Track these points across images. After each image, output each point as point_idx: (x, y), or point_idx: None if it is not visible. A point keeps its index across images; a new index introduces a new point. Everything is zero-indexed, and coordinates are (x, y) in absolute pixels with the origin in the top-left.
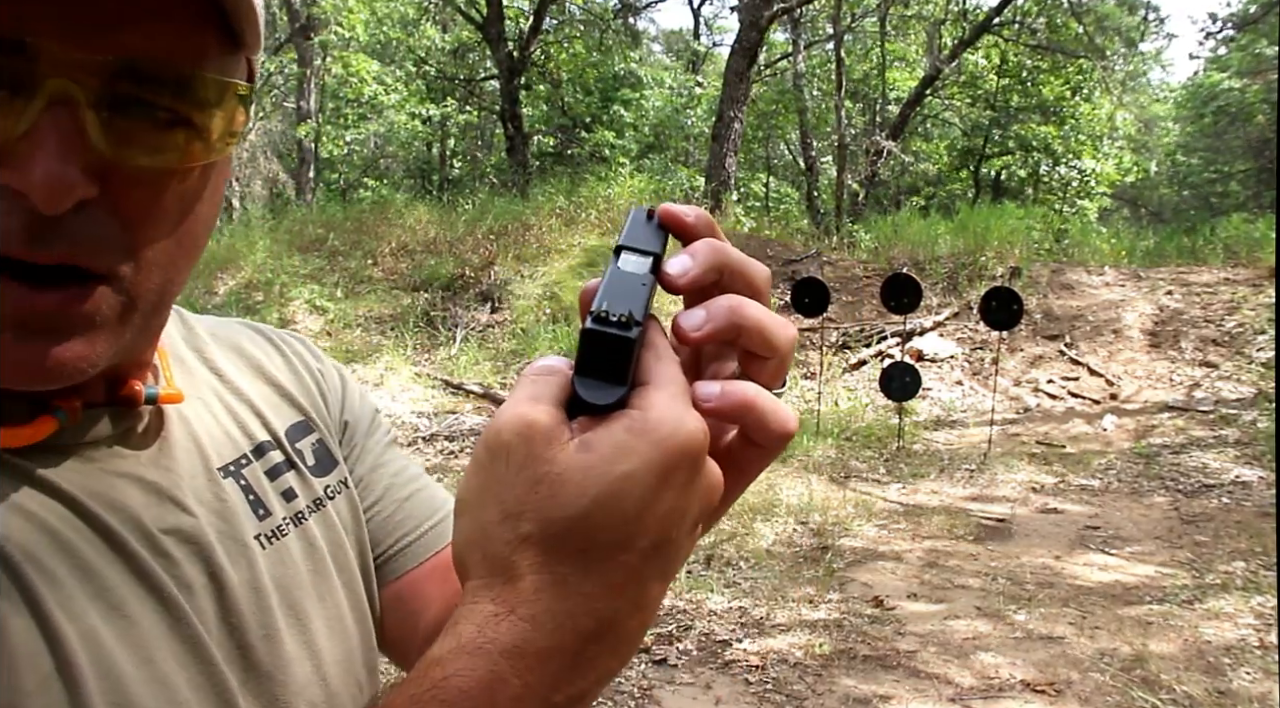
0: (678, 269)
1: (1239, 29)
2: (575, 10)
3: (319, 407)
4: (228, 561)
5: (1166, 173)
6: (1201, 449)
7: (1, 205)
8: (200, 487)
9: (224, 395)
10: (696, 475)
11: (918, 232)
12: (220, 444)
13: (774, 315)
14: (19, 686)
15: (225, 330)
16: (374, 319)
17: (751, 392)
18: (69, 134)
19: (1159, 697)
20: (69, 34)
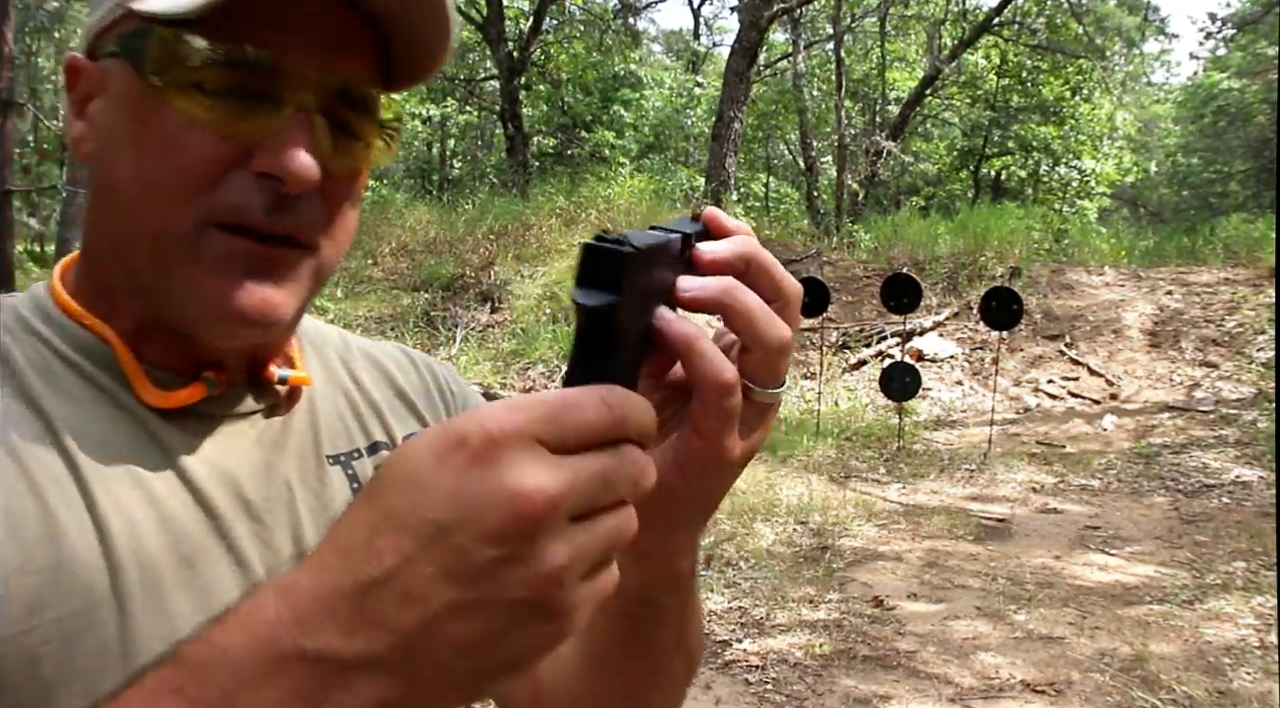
0: (708, 247)
1: (1239, 29)
2: (575, 10)
3: (440, 420)
4: (316, 535)
5: (1166, 173)
6: (1201, 449)
7: (252, 186)
8: (307, 468)
9: (354, 398)
10: (478, 466)
11: (918, 232)
12: (337, 436)
13: (771, 314)
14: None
15: (376, 349)
16: (374, 319)
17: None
18: (309, 134)
19: (1159, 697)
20: (307, 59)
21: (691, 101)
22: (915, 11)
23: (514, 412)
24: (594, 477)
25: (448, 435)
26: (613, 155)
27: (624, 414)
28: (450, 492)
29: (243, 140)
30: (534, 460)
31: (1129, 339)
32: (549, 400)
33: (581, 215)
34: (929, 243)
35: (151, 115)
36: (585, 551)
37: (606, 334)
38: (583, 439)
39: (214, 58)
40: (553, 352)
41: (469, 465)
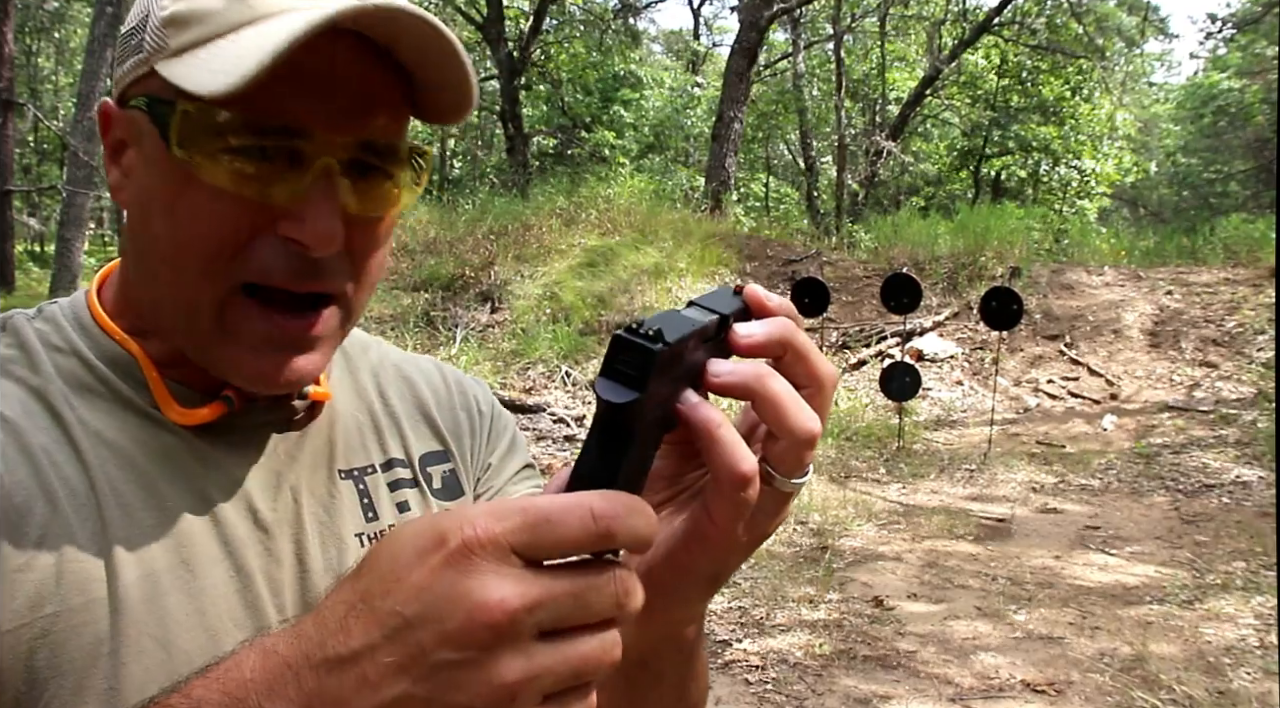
0: (744, 330)
1: (1239, 29)
2: (575, 10)
3: (461, 441)
4: (319, 548)
5: (1166, 173)
6: (1201, 449)
7: (278, 250)
8: (317, 481)
9: (377, 413)
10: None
11: (917, 232)
12: (353, 451)
13: (801, 404)
14: (67, 600)
15: (410, 365)
16: (374, 319)
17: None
18: (332, 197)
19: (1159, 697)
20: (329, 123)
21: (691, 101)
22: (915, 11)
23: (497, 519)
24: (566, 595)
25: (432, 531)
26: (613, 155)
27: (611, 528)
28: (419, 588)
29: (269, 205)
30: (501, 572)
31: (1129, 339)
32: (530, 510)
33: (581, 215)
34: (929, 243)
35: (179, 184)
36: (547, 671)
37: (624, 429)
38: (560, 553)
39: (237, 129)
40: (552, 352)
41: (442, 566)
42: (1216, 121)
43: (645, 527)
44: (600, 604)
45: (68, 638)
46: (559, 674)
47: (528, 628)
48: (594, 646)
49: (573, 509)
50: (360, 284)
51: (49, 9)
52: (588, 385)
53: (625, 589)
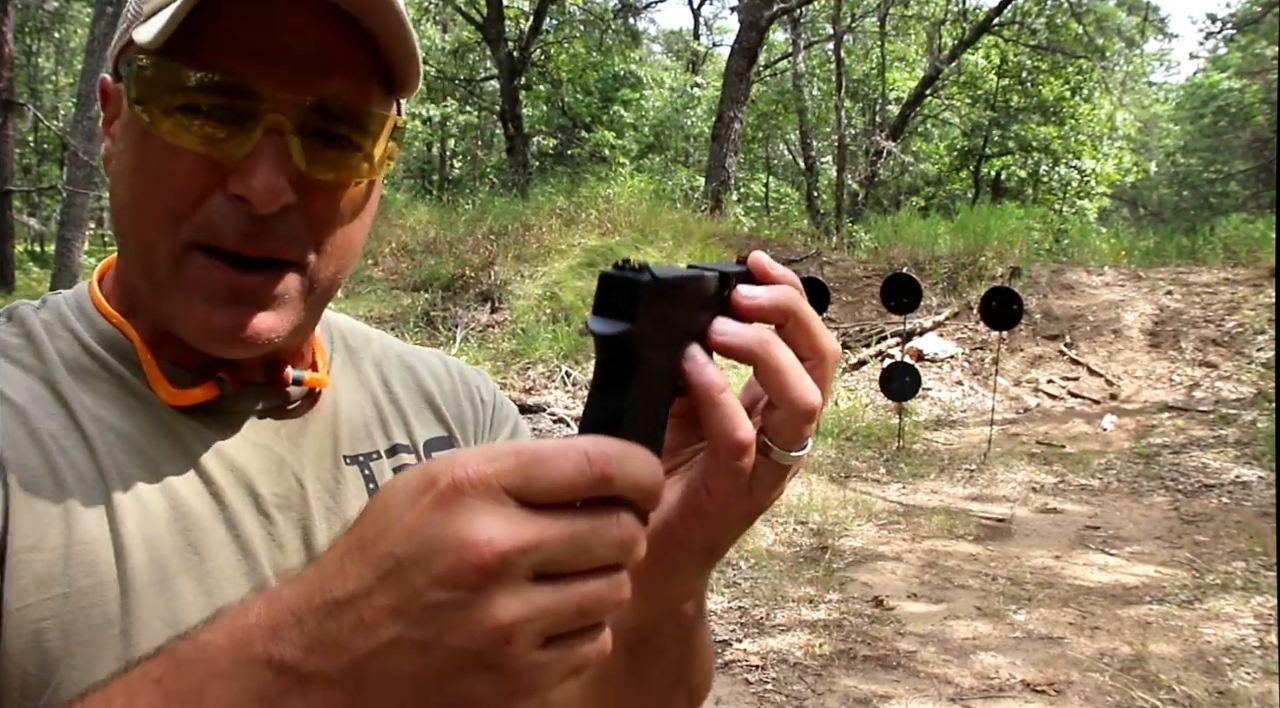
0: (748, 291)
1: (1238, 29)
2: (575, 10)
3: (465, 428)
4: (326, 532)
5: (1166, 173)
6: (1201, 449)
7: (226, 210)
8: (322, 467)
9: (381, 401)
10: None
11: (917, 232)
12: (357, 437)
13: (803, 375)
14: (75, 582)
15: (414, 355)
16: (374, 319)
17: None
18: (280, 155)
19: (1159, 697)
20: (280, 81)
21: (691, 101)
22: (915, 11)
23: (488, 460)
24: (563, 536)
25: (424, 475)
26: (613, 155)
27: (608, 472)
28: (410, 529)
29: (221, 163)
30: (492, 512)
31: (1129, 339)
32: (524, 451)
33: (581, 215)
34: (929, 243)
35: (141, 141)
36: (545, 612)
37: (621, 365)
38: (554, 495)
39: (187, 84)
40: (552, 352)
41: (432, 507)
42: (1216, 122)
43: (647, 474)
44: (602, 549)
45: (76, 619)
46: (559, 615)
47: (521, 569)
48: (598, 586)
49: (566, 451)
50: (323, 255)
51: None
52: (587, 385)
53: (629, 535)
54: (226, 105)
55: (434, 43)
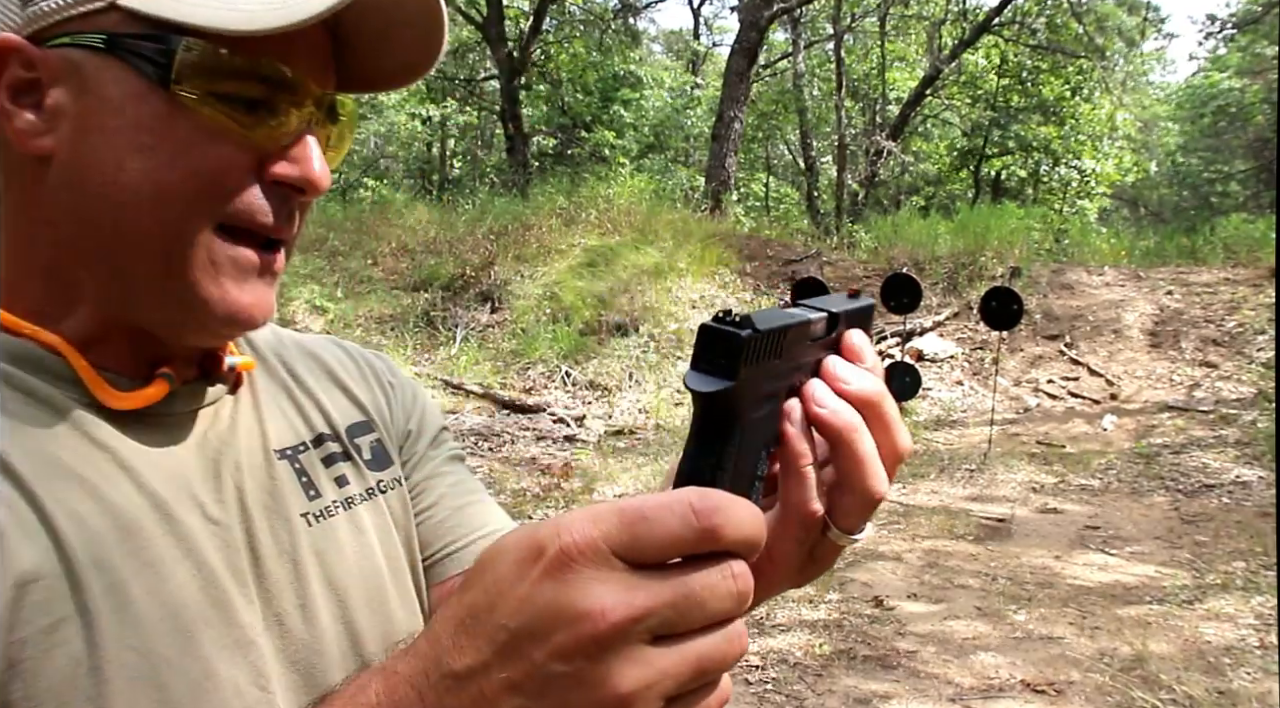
0: (847, 372)
1: (1238, 29)
2: (575, 10)
3: (383, 412)
4: (269, 531)
5: (1166, 173)
6: (1201, 449)
7: (268, 192)
8: (255, 464)
9: (295, 392)
10: (550, 579)
11: (918, 232)
12: (282, 431)
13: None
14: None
15: (310, 343)
16: (374, 319)
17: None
18: (318, 142)
19: (1159, 697)
20: (312, 74)
21: (691, 101)
22: (915, 11)
23: (593, 523)
24: (676, 597)
25: (530, 541)
26: (613, 155)
27: (714, 525)
28: (521, 600)
29: (259, 150)
30: (603, 579)
31: (1129, 339)
32: (627, 510)
33: (581, 215)
34: (929, 243)
35: (169, 122)
36: (665, 675)
37: (721, 422)
38: (662, 553)
39: (240, 72)
40: (552, 352)
41: (542, 577)
42: (1217, 121)
43: (752, 527)
44: (716, 604)
45: (41, 664)
46: (679, 677)
47: (637, 635)
48: (715, 642)
49: (670, 505)
50: (298, 237)
51: None
52: (587, 385)
53: (743, 587)
54: (270, 94)
55: None
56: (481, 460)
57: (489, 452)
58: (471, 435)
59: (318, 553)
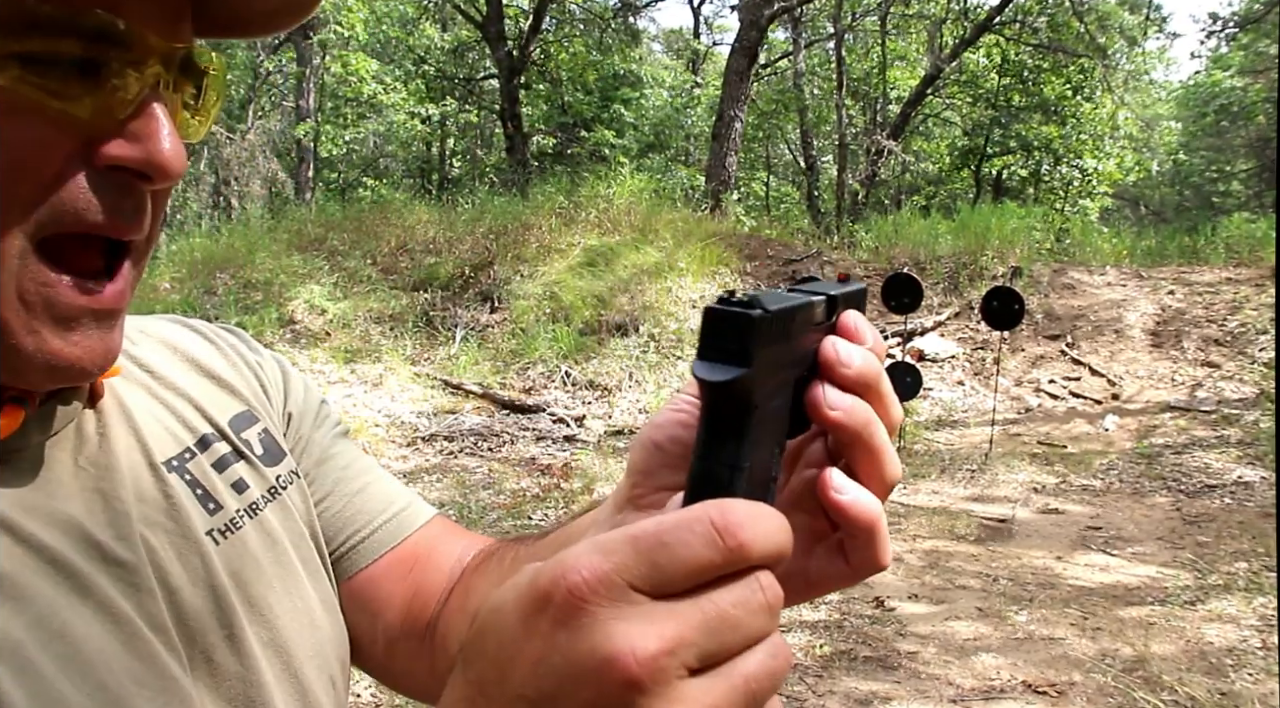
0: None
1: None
2: (575, 9)
3: (261, 398)
4: (178, 561)
5: (1168, 172)
6: (1204, 449)
7: (102, 183)
8: (145, 485)
9: (158, 391)
10: (563, 629)
11: (918, 231)
12: (161, 440)
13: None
14: None
15: (154, 326)
16: (373, 319)
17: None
18: (167, 113)
19: (1161, 698)
20: (155, 25)
21: (691, 101)
22: (916, 10)
23: (603, 556)
24: (708, 620)
25: (532, 591)
26: (613, 155)
27: (741, 542)
28: (535, 662)
29: (84, 127)
30: (624, 617)
31: (1131, 339)
32: (641, 537)
33: (581, 215)
34: (930, 242)
35: None
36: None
37: (736, 413)
38: (690, 581)
39: (42, 22)
40: (552, 352)
41: (554, 629)
42: (1219, 120)
43: (781, 538)
44: (751, 622)
45: None
46: (733, 703)
47: (674, 671)
48: (760, 661)
49: (690, 525)
50: (153, 233)
51: None
52: (587, 385)
53: (775, 599)
54: (96, 53)
55: (433, 42)
56: (481, 460)
57: (489, 452)
58: (471, 435)
59: (233, 574)
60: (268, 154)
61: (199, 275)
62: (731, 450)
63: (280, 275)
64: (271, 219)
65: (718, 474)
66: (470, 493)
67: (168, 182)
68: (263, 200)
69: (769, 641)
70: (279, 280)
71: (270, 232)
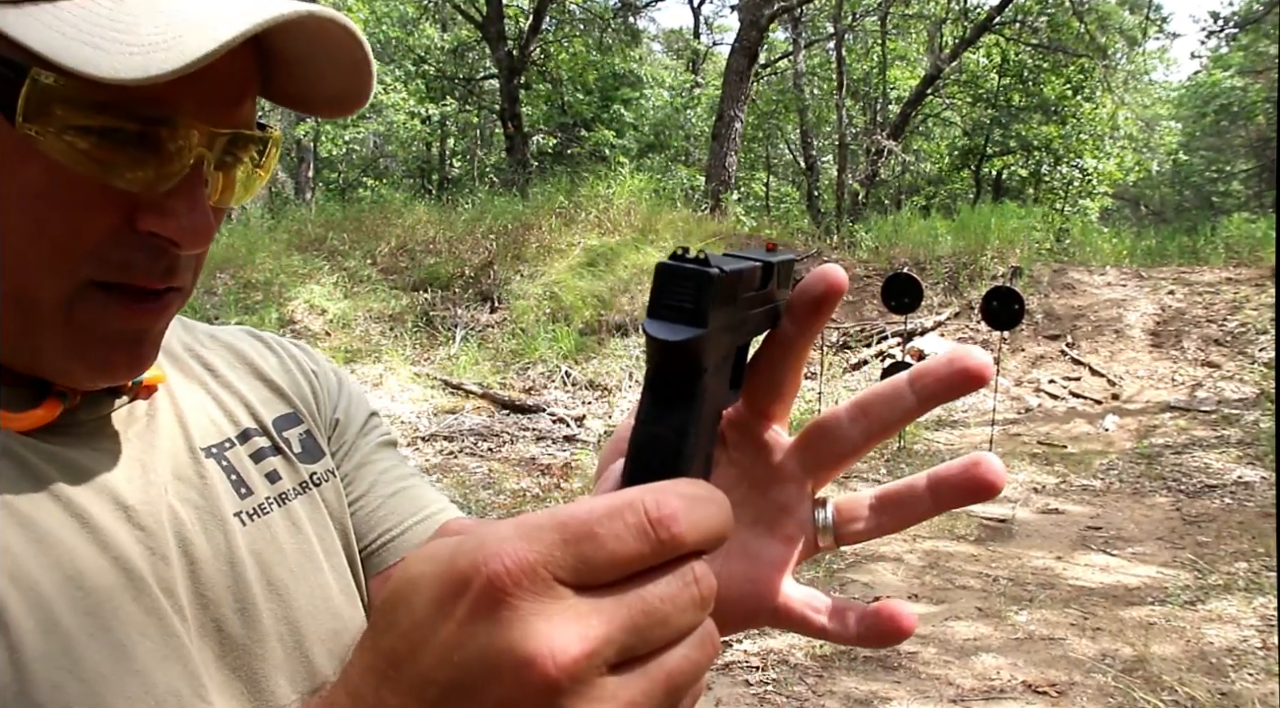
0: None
1: (1241, 28)
2: (575, 9)
3: (309, 402)
4: (203, 535)
5: (1168, 172)
6: (1204, 449)
7: (139, 245)
8: (182, 464)
9: (213, 387)
10: (480, 619)
11: (918, 231)
12: (205, 428)
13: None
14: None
15: (225, 335)
16: (373, 319)
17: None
18: (202, 191)
19: (1161, 698)
20: (203, 112)
21: (691, 101)
22: (916, 10)
23: (528, 543)
24: (634, 617)
25: (449, 572)
26: (613, 155)
27: (676, 533)
28: (448, 647)
29: (126, 196)
30: (546, 613)
31: (1131, 339)
32: (569, 525)
33: (581, 215)
34: (930, 242)
35: (18, 164)
36: (632, 705)
37: (686, 376)
38: (618, 574)
39: (104, 107)
40: (552, 352)
41: (471, 618)
42: (1219, 120)
43: (719, 520)
44: (680, 617)
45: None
46: (649, 703)
47: (594, 670)
48: (684, 655)
49: (622, 514)
50: (197, 272)
51: None
52: (587, 385)
53: (707, 590)
54: (145, 133)
55: (433, 42)
56: (481, 461)
57: (489, 452)
58: (471, 435)
59: (254, 553)
60: None
61: (199, 275)
62: (679, 419)
63: (280, 275)
64: (271, 219)
65: (663, 444)
66: (470, 493)
67: (194, 250)
68: (263, 200)
69: (697, 632)
70: (279, 280)
71: (270, 232)
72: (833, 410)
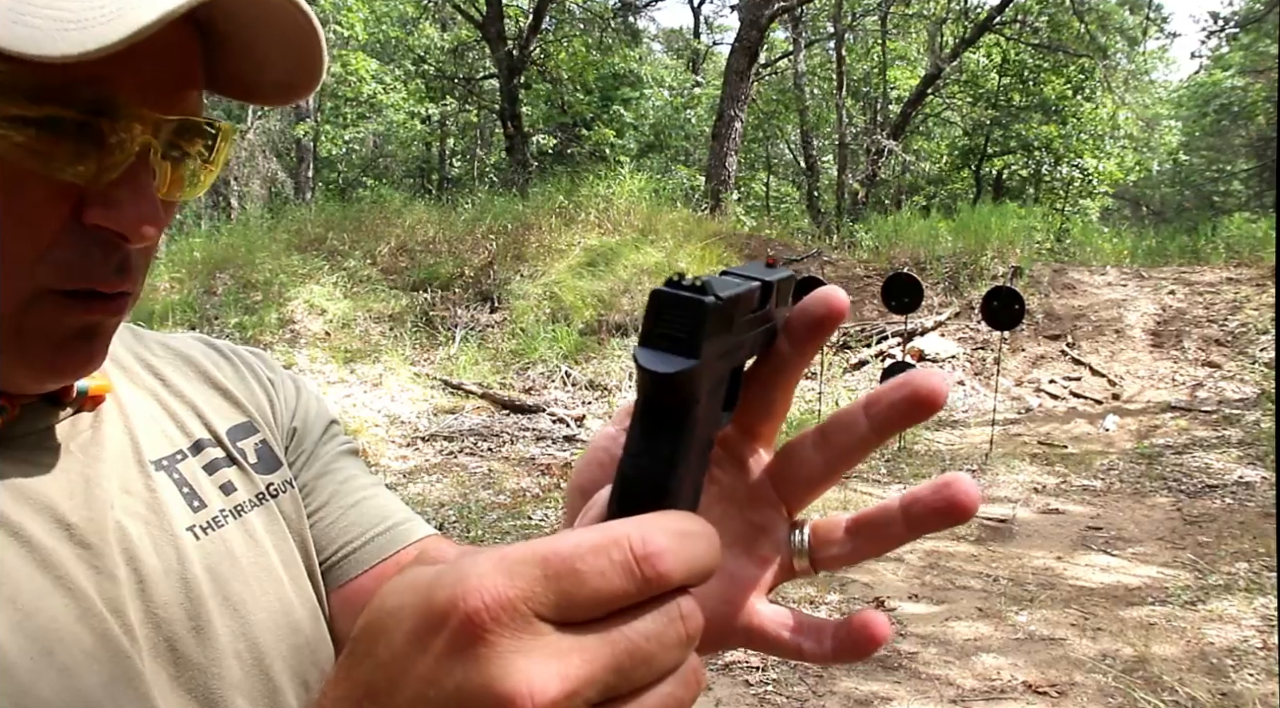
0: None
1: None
2: (575, 9)
3: (265, 411)
4: (153, 551)
5: (1168, 172)
6: (1204, 450)
7: (89, 243)
8: (130, 477)
9: (163, 397)
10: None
11: (919, 231)
12: (155, 440)
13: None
14: None
15: (176, 342)
16: (373, 319)
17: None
18: (149, 180)
19: (1161, 698)
20: (147, 98)
21: (691, 101)
22: (916, 10)
23: (508, 579)
24: (618, 657)
25: (427, 606)
26: (613, 154)
27: (662, 570)
28: (425, 682)
29: (71, 189)
30: (527, 649)
31: (1131, 339)
32: (551, 560)
33: (581, 215)
34: (930, 242)
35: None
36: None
37: (677, 407)
38: (601, 611)
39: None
40: (552, 352)
41: (447, 654)
42: (1219, 120)
43: (707, 556)
44: (664, 656)
45: None
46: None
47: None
48: (665, 694)
49: (608, 550)
50: (146, 272)
51: None
52: (587, 385)
53: (693, 628)
54: (86, 122)
55: (433, 41)
56: (481, 461)
57: (488, 452)
58: (471, 435)
59: (209, 568)
60: (267, 154)
61: (198, 275)
62: (668, 452)
63: (280, 275)
64: (271, 219)
65: (652, 477)
66: (470, 493)
67: (143, 243)
68: (262, 200)
69: (680, 670)
70: (279, 280)
71: (270, 232)
72: (802, 434)
